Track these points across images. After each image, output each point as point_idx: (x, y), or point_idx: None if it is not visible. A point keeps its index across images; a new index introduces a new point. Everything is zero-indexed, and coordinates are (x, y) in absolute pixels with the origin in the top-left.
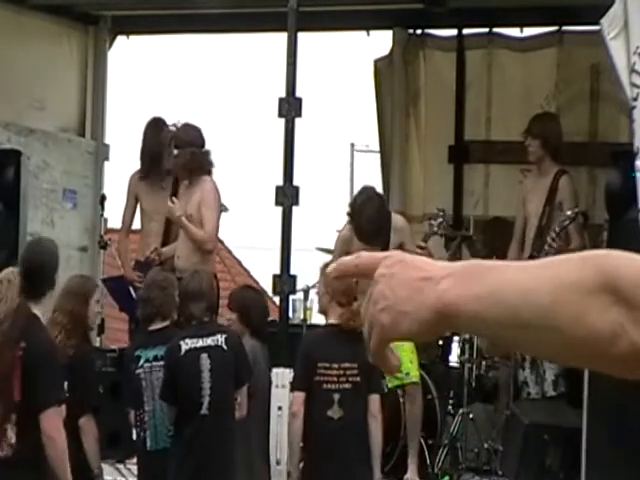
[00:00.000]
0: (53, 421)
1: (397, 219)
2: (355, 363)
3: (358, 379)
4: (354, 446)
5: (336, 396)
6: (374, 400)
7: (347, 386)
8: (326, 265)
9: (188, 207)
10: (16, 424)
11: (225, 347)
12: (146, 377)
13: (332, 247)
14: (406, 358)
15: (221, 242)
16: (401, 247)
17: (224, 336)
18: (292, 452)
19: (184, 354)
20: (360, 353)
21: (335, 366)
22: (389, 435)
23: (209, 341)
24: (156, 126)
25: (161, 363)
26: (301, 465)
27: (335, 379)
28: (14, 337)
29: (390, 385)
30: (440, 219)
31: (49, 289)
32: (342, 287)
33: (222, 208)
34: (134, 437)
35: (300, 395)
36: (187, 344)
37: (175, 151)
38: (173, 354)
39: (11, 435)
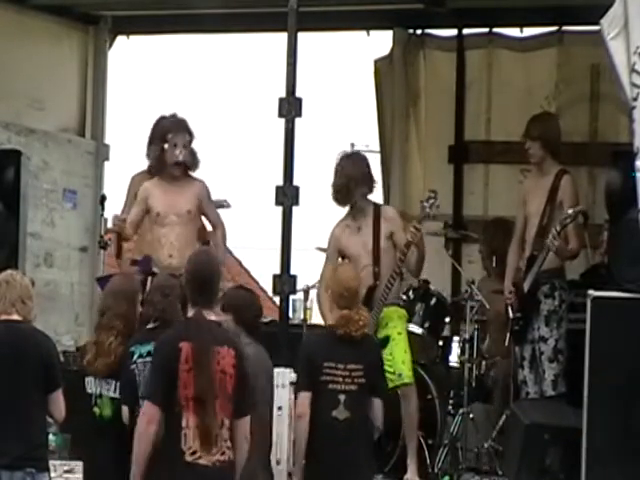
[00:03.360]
0: (249, 424)
1: (387, 209)
2: (361, 364)
3: (363, 380)
4: (358, 447)
5: (342, 397)
6: (377, 404)
7: (353, 387)
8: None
9: (184, 203)
10: (229, 429)
11: None
12: (139, 373)
13: None
14: (399, 358)
15: None
16: (392, 236)
17: None
18: (297, 453)
19: None
20: (364, 354)
21: (341, 366)
22: (389, 435)
23: None
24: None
25: None
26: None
27: (341, 379)
28: (212, 344)
29: None
30: (432, 200)
31: (218, 296)
32: (339, 290)
33: (225, 204)
34: None
35: (306, 395)
36: None
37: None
38: None
39: (228, 439)
